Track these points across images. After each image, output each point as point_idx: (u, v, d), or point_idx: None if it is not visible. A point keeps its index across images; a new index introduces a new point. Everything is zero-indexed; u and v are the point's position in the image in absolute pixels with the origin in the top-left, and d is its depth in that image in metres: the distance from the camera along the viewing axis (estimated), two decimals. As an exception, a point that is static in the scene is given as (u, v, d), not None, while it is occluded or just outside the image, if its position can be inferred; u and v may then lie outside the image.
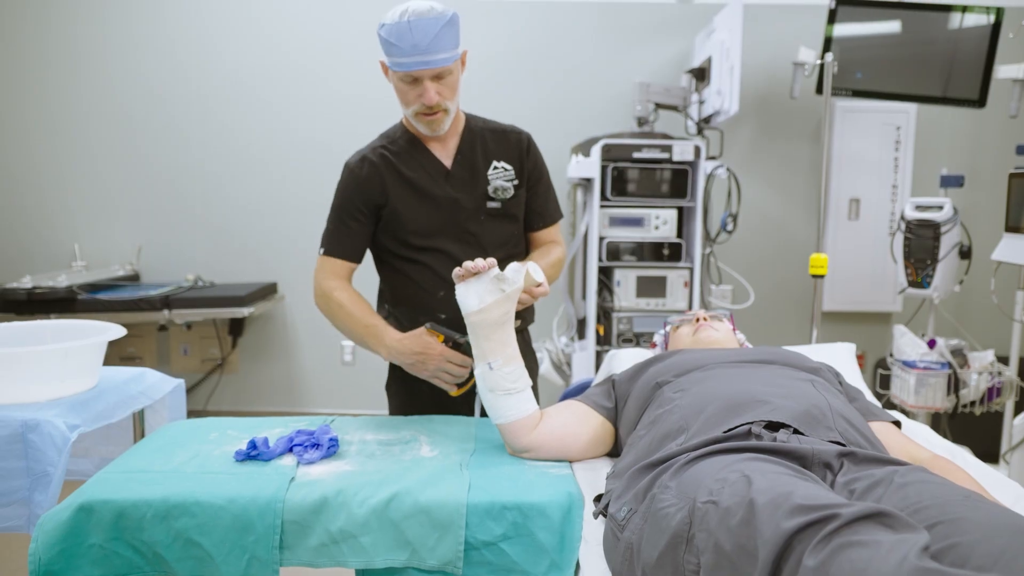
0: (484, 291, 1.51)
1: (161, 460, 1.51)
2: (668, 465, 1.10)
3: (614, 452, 1.62)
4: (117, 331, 1.76)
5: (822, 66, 3.49)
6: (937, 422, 3.24)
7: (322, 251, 1.87)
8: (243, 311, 3.67)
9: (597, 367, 3.49)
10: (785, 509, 0.82)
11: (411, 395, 1.95)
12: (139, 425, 1.90)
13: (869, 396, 1.67)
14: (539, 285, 1.59)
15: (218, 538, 1.33)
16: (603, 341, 3.49)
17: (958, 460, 1.53)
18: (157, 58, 4.11)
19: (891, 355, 3.18)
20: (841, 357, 1.96)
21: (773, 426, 1.19)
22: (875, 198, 4.08)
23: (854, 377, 1.88)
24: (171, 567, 1.34)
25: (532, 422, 1.53)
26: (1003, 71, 3.46)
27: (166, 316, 3.65)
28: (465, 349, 1.70)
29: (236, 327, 4.20)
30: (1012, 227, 2.54)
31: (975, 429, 3.40)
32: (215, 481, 1.41)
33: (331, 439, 1.54)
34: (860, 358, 3.79)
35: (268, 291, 4.06)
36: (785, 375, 1.39)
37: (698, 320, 1.78)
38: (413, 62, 1.66)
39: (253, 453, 1.51)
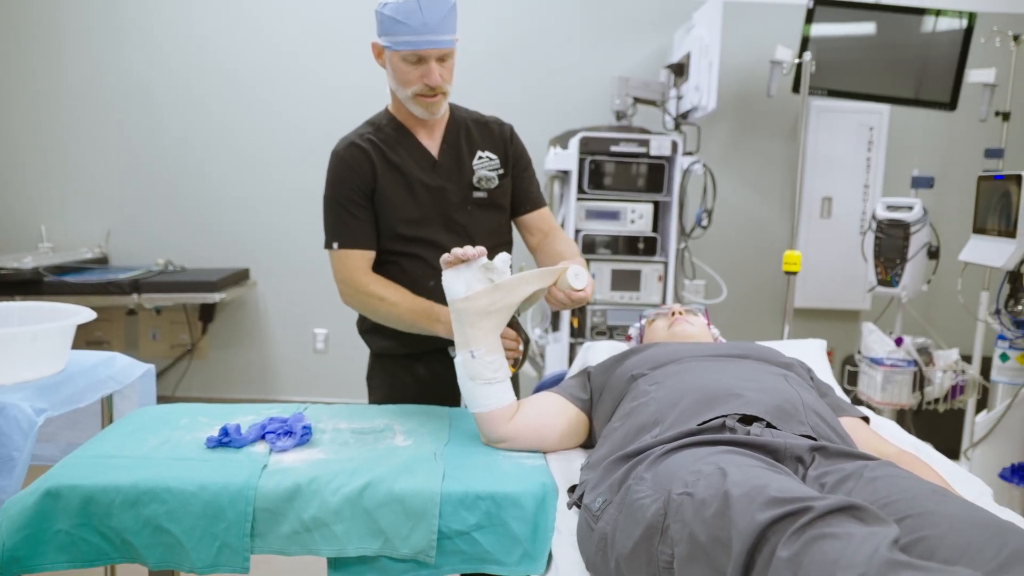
0: (472, 279, 1.50)
1: (131, 446, 1.49)
2: (643, 457, 1.11)
3: (588, 444, 1.62)
4: (87, 314, 1.74)
5: (799, 65, 3.53)
6: (902, 418, 3.30)
7: (336, 246, 1.81)
8: (214, 296, 3.62)
9: (571, 359, 3.50)
10: (760, 502, 0.83)
11: (394, 388, 1.93)
12: (107, 410, 1.87)
13: (839, 392, 1.70)
14: (580, 290, 1.56)
15: (188, 525, 1.32)
16: (577, 333, 3.50)
17: (922, 455, 1.56)
18: (128, 37, 4.04)
19: (859, 352, 3.23)
20: (812, 353, 1.99)
21: (747, 419, 1.20)
22: (847, 197, 4.13)
23: (824, 373, 1.91)
24: (140, 554, 1.33)
25: (509, 412, 1.54)
26: (974, 75, 3.52)
27: (135, 300, 3.60)
28: (515, 325, 1.68)
29: (206, 313, 4.15)
30: (980, 228, 2.59)
31: (938, 426, 3.47)
32: (186, 467, 1.40)
33: (304, 427, 1.53)
34: (829, 354, 3.85)
35: (240, 277, 4.02)
36: (759, 370, 1.40)
37: (673, 314, 1.79)
38: (423, 40, 1.65)
39: (225, 440, 1.49)
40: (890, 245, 3.10)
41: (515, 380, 1.89)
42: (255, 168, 4.11)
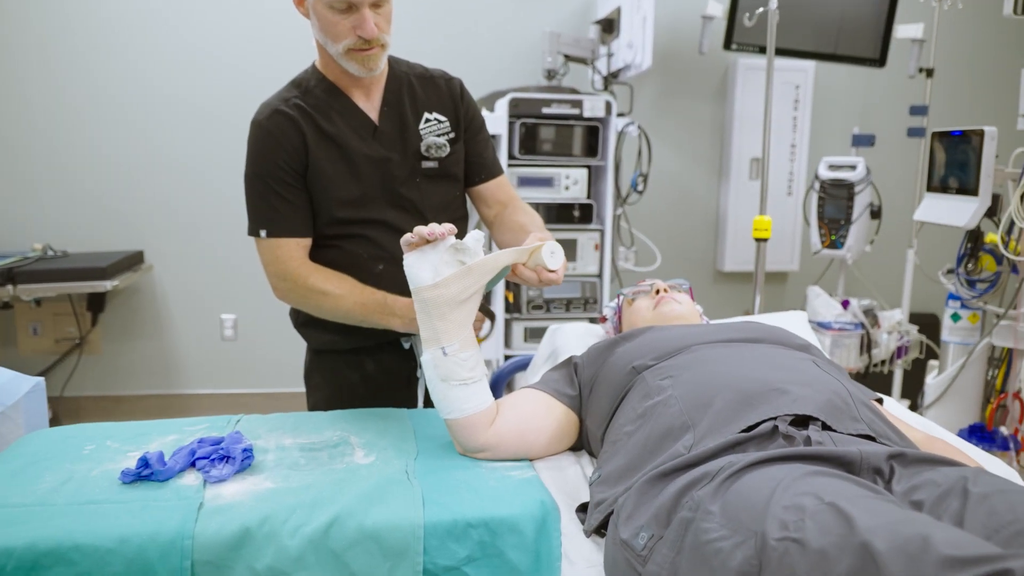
0: (440, 262, 1.27)
1: (22, 488, 1.18)
2: (697, 479, 0.91)
3: (577, 445, 1.43)
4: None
5: (732, 19, 3.39)
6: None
7: (263, 234, 1.54)
8: (104, 285, 3.20)
9: (507, 337, 3.30)
10: (930, 562, 0.65)
11: (338, 388, 1.68)
12: (-14, 437, 1.53)
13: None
14: (552, 271, 1.35)
15: (107, 590, 1.04)
16: (512, 308, 3.30)
17: (936, 433, 1.44)
18: (-15, -11, 3.49)
19: (803, 316, 3.16)
20: (796, 327, 1.85)
21: (798, 420, 1.02)
22: (774, 157, 4.05)
23: (816, 348, 1.76)
24: (44, 631, 1.04)
25: (489, 417, 1.32)
26: (902, 30, 3.48)
27: (10, 292, 3.14)
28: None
29: (96, 302, 3.69)
30: (936, 187, 2.52)
31: (871, 384, 3.46)
32: (99, 514, 1.11)
33: (245, 449, 1.26)
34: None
35: (133, 260, 3.59)
36: (784, 356, 1.22)
37: (658, 292, 1.59)
38: None
39: (145, 472, 1.21)
40: (834, 206, 3.02)
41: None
42: (148, 136, 3.65)
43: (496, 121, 3.18)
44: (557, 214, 3.29)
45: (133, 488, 1.19)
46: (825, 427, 1.01)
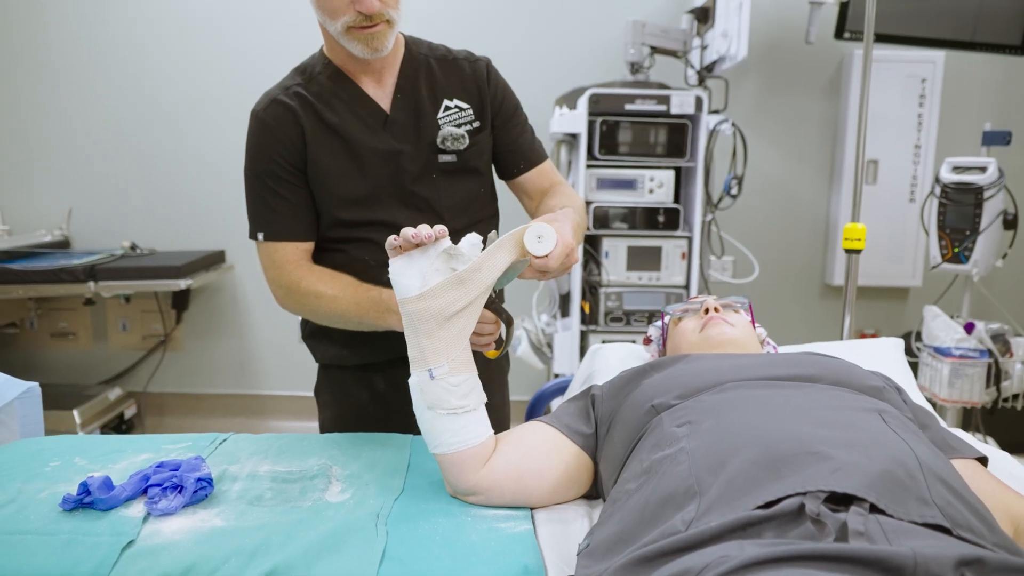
0: (429, 269, 1.08)
1: (-43, 509, 1.08)
2: (677, 575, 0.68)
3: (593, 492, 1.19)
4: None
5: (843, 6, 3.04)
6: (968, 417, 2.83)
7: (261, 236, 1.42)
8: (179, 283, 3.21)
9: (582, 349, 3.07)
10: None
11: (346, 406, 1.53)
12: (-29, 444, 1.47)
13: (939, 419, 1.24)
14: (541, 257, 1.11)
15: (6, 640, 0.91)
16: (589, 320, 3.07)
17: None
18: (85, -5, 3.60)
19: (918, 338, 2.77)
20: (887, 356, 1.53)
21: (837, 497, 0.76)
22: (894, 160, 3.64)
23: (908, 385, 1.45)
24: None
25: (483, 454, 1.11)
26: (1050, 12, 3.01)
27: (92, 288, 3.19)
28: (492, 305, 1.24)
29: (180, 300, 3.74)
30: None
31: (1000, 422, 3.00)
32: (18, 548, 0.99)
33: (200, 479, 1.11)
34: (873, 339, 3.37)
35: (213, 260, 3.60)
36: (841, 403, 0.95)
37: (707, 311, 1.33)
38: None
39: (86, 500, 1.08)
40: (958, 213, 2.61)
41: (497, 368, 1.48)
42: (231, 139, 3.65)
43: (576, 119, 2.96)
44: (640, 219, 3.04)
45: (70, 517, 1.06)
46: (875, 509, 0.74)
